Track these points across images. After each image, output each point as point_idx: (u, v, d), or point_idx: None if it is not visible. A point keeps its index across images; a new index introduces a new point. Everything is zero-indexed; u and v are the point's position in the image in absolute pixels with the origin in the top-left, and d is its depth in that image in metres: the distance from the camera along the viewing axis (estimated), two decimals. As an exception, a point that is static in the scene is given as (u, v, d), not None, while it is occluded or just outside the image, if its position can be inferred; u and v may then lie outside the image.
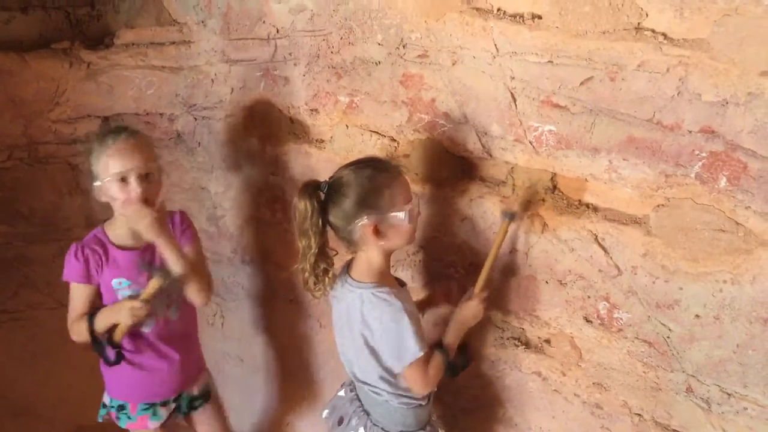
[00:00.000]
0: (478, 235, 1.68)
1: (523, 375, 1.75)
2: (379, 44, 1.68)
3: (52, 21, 2.28)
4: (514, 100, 1.48)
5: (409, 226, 1.51)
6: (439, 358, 1.57)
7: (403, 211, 1.49)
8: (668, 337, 1.42)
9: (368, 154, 1.82)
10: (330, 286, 1.60)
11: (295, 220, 1.54)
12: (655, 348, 1.45)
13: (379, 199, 1.47)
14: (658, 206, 1.37)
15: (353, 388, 1.74)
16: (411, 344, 1.50)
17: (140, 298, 1.70)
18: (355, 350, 1.60)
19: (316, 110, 1.93)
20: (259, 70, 2.02)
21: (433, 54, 1.58)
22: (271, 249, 2.30)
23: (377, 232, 1.49)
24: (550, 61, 1.38)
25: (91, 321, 1.74)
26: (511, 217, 1.55)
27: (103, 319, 1.75)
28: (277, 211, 2.20)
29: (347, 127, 1.88)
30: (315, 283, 1.59)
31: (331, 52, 1.80)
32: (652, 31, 1.24)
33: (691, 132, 1.25)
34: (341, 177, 1.51)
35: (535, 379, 1.73)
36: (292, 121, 2.04)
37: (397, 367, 1.55)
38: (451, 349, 1.59)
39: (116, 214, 1.78)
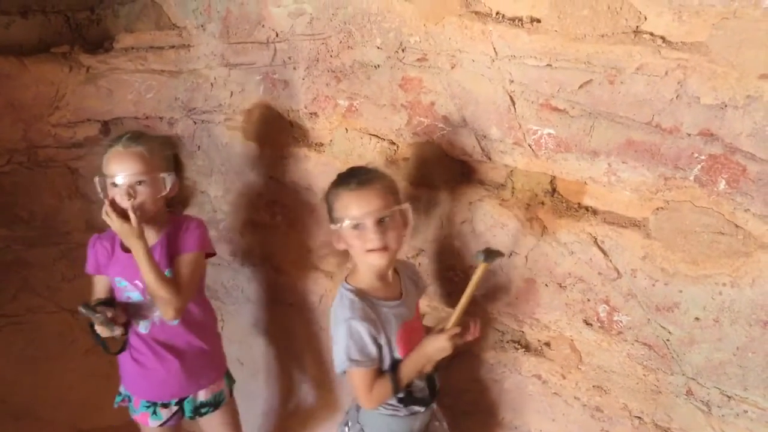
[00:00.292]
0: (478, 238, 1.68)
1: (523, 378, 1.75)
2: (379, 48, 1.68)
3: (52, 25, 2.28)
4: (513, 104, 1.48)
5: (356, 240, 1.47)
6: (387, 384, 1.52)
7: (341, 223, 1.48)
8: (668, 340, 1.42)
9: (367, 157, 1.83)
10: None
11: None
12: (655, 351, 1.45)
13: (332, 210, 1.54)
14: (657, 209, 1.37)
15: None
16: (339, 355, 1.50)
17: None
18: None
19: (315, 114, 1.93)
20: (258, 74, 2.02)
21: (432, 57, 1.58)
22: (271, 252, 2.30)
23: (338, 240, 1.54)
24: (549, 65, 1.39)
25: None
26: (487, 257, 1.49)
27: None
28: (277, 215, 2.20)
29: (347, 130, 1.88)
30: None
31: (331, 56, 1.80)
32: (651, 35, 1.25)
33: (690, 135, 1.25)
34: None
35: (535, 382, 1.73)
36: (291, 124, 2.04)
37: (336, 368, 1.54)
38: (404, 379, 1.53)
39: None
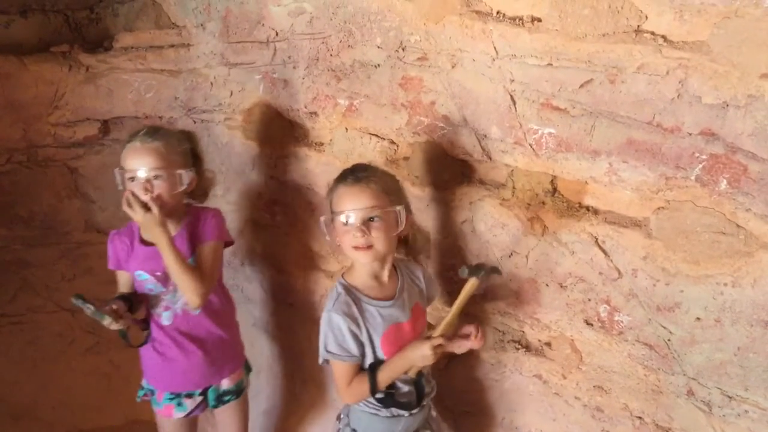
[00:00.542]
0: (478, 237, 1.68)
1: (524, 378, 1.75)
2: (379, 47, 1.67)
3: (52, 24, 2.28)
4: (514, 103, 1.48)
5: (345, 236, 1.48)
6: (364, 383, 1.52)
7: (333, 216, 1.49)
8: (669, 340, 1.42)
9: (367, 157, 1.82)
10: None
11: None
12: (656, 351, 1.45)
13: (330, 203, 1.54)
14: (658, 209, 1.36)
15: None
16: (321, 346, 1.53)
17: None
18: None
19: (315, 113, 1.93)
20: (258, 73, 2.02)
21: (433, 57, 1.58)
22: (271, 252, 2.30)
23: (330, 233, 1.54)
24: (550, 64, 1.38)
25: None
26: (471, 273, 1.47)
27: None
28: (277, 214, 2.20)
29: (346, 130, 1.88)
30: None
31: (331, 55, 1.80)
32: (652, 34, 1.24)
33: (691, 134, 1.25)
34: None
35: (536, 382, 1.73)
36: (291, 124, 2.04)
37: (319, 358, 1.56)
38: (382, 380, 1.52)
39: None
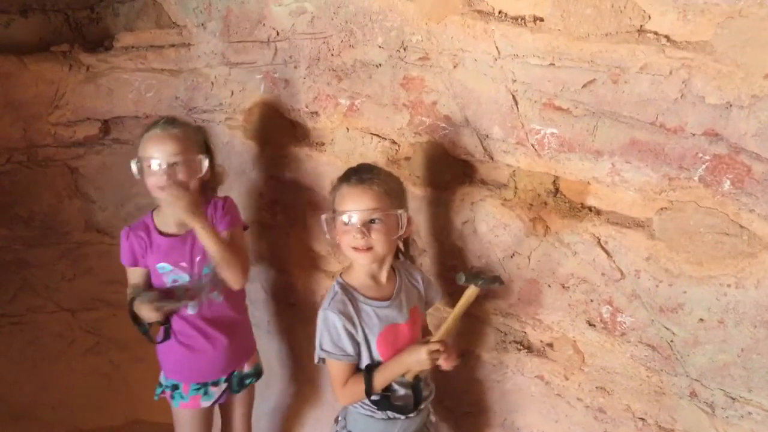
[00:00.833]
0: (480, 238, 1.67)
1: (526, 379, 1.74)
2: (380, 47, 1.67)
3: (52, 24, 2.28)
4: (516, 103, 1.47)
5: (345, 236, 1.48)
6: (359, 384, 1.51)
7: (335, 215, 1.49)
8: (672, 341, 1.41)
9: (369, 157, 1.82)
10: None
11: None
12: (659, 352, 1.44)
13: (333, 201, 1.54)
14: (661, 209, 1.36)
15: None
16: (317, 344, 1.53)
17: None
18: None
19: (316, 113, 1.93)
20: (259, 73, 2.01)
21: (434, 57, 1.57)
22: (272, 252, 2.29)
23: (330, 231, 1.54)
24: (552, 64, 1.38)
25: (132, 304, 1.79)
26: (468, 279, 1.46)
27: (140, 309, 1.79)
28: (278, 214, 2.19)
29: (348, 130, 1.87)
30: None
31: (332, 55, 1.79)
32: (655, 34, 1.24)
33: (694, 135, 1.24)
34: None
35: (538, 383, 1.72)
36: (292, 124, 2.03)
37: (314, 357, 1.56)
38: (378, 383, 1.51)
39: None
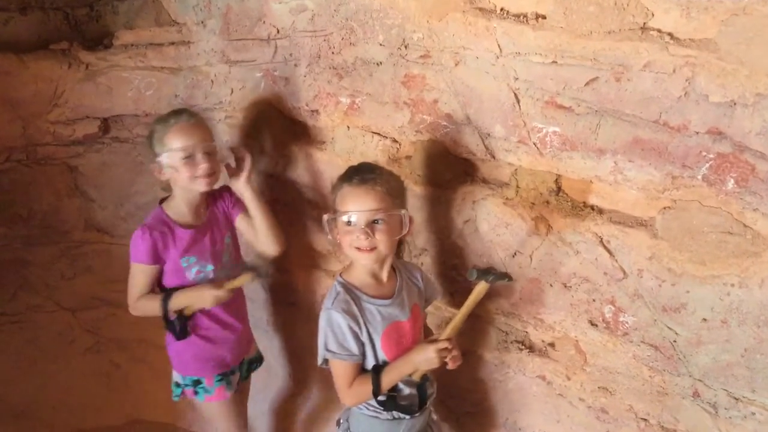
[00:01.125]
0: (481, 237, 1.67)
1: (527, 379, 1.74)
2: (381, 45, 1.66)
3: (51, 22, 2.26)
4: (518, 101, 1.46)
5: (347, 235, 1.47)
6: (367, 384, 1.49)
7: (337, 215, 1.49)
8: (675, 341, 1.40)
9: (369, 155, 1.81)
10: None
11: None
12: (662, 352, 1.43)
13: (334, 201, 1.54)
14: (664, 208, 1.35)
15: None
16: (321, 345, 1.52)
17: (226, 287, 1.82)
18: None
19: (317, 111, 1.92)
20: (259, 71, 2.00)
21: (436, 54, 1.56)
22: (272, 251, 2.28)
23: (332, 230, 1.54)
24: (555, 62, 1.37)
25: (166, 302, 1.80)
26: (480, 276, 1.45)
27: (181, 301, 1.82)
28: (278, 213, 2.18)
29: (348, 128, 1.86)
30: None
31: (332, 53, 1.78)
32: (659, 31, 1.23)
33: (698, 133, 1.23)
34: None
35: (540, 383, 1.72)
36: (292, 122, 2.02)
37: (318, 359, 1.55)
38: (386, 383, 1.49)
39: (175, 192, 1.85)
